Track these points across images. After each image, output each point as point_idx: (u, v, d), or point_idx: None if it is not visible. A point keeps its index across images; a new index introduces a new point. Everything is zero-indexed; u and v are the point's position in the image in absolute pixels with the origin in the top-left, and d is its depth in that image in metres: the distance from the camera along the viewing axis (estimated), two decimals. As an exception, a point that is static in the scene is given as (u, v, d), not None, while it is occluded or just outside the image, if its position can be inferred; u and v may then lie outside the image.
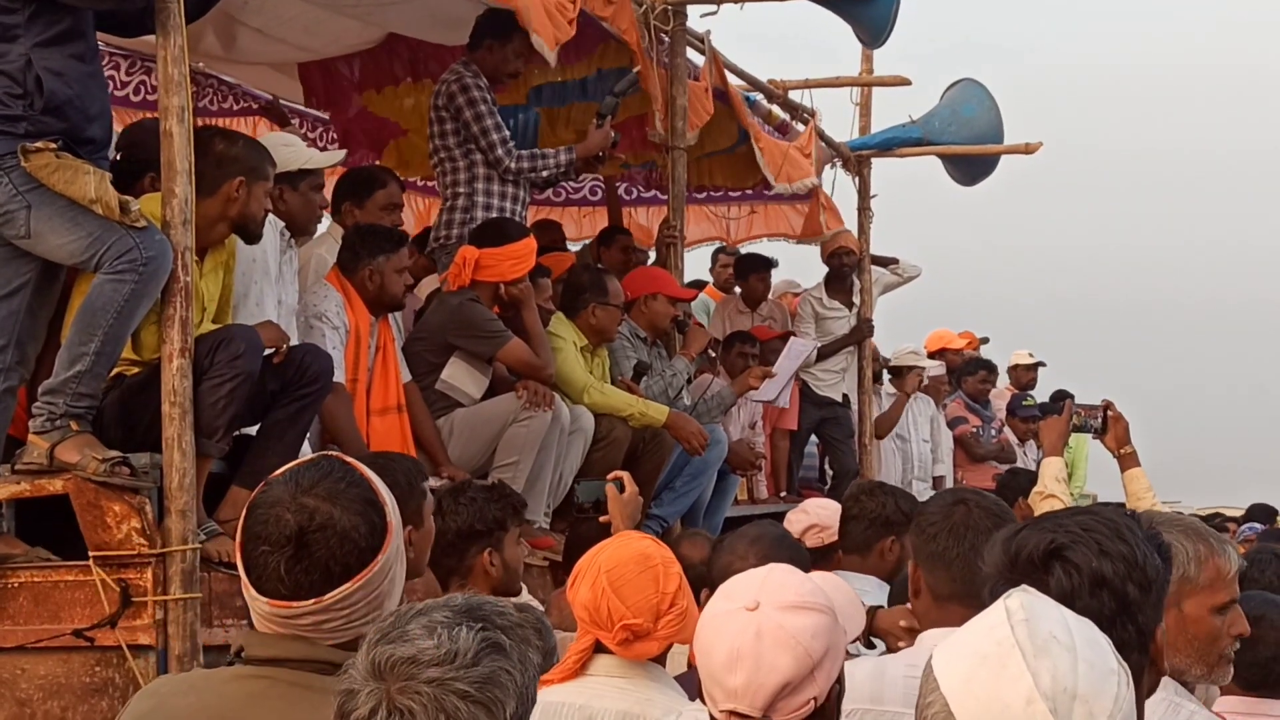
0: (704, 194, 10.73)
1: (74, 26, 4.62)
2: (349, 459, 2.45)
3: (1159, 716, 2.94)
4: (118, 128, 5.69)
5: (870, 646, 3.96)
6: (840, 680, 2.42)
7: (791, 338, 9.49)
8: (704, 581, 4.47)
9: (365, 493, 2.37)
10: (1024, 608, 1.82)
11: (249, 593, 2.37)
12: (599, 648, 3.43)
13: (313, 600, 2.32)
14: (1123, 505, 5.75)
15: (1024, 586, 1.89)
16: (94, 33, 4.76)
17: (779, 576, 2.46)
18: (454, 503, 4.42)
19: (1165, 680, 2.96)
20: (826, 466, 11.03)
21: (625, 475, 4.68)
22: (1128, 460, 5.22)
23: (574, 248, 9.73)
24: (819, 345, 10.27)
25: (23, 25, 4.53)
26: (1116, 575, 2.18)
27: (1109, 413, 5.34)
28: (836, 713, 2.43)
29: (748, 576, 2.49)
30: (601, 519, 4.68)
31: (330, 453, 2.48)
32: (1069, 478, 5.77)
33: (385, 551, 2.36)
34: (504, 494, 4.56)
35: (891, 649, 3.73)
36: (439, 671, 1.88)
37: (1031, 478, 9.62)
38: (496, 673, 1.90)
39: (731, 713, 2.35)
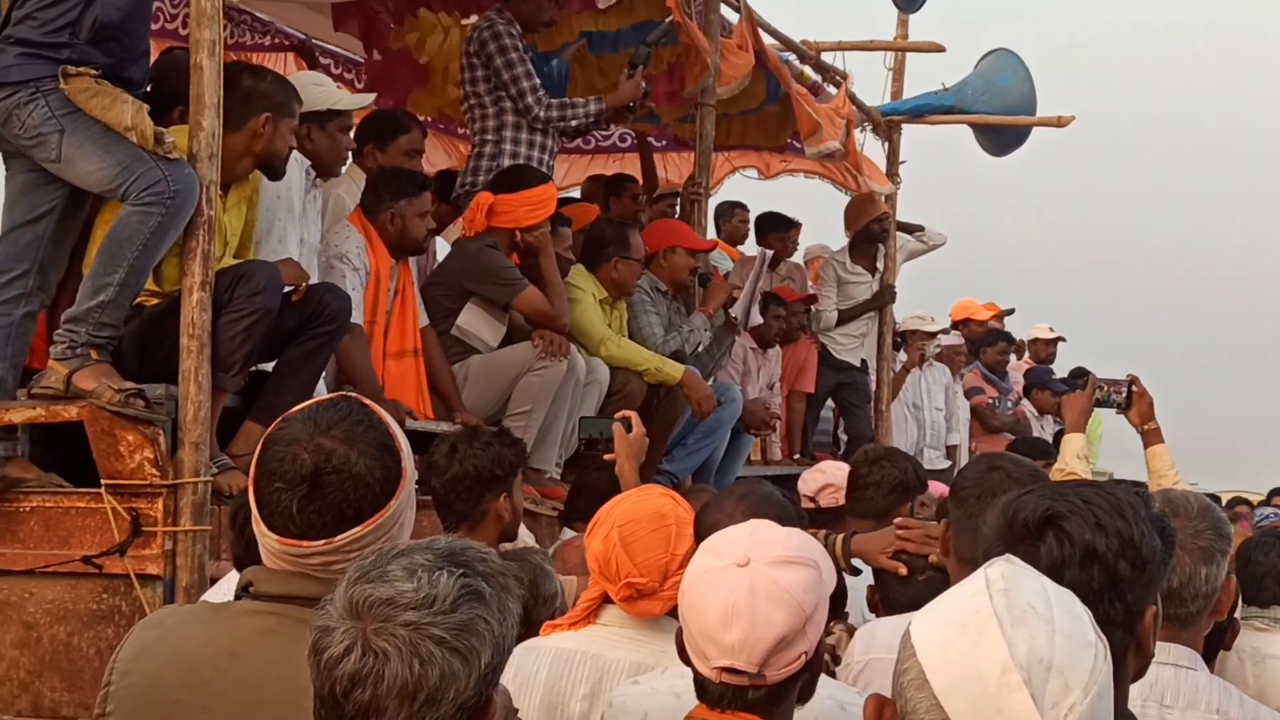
0: (733, 151, 10.65)
1: None
2: (367, 401, 2.42)
3: None
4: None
5: (855, 573, 3.95)
6: (823, 636, 2.44)
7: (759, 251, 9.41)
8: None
9: (382, 437, 2.34)
10: (1004, 577, 1.80)
11: (259, 529, 2.34)
12: (609, 598, 3.41)
13: (323, 541, 2.29)
14: (1140, 483, 5.71)
15: (1007, 556, 1.87)
16: None
17: (765, 532, 2.45)
18: (469, 447, 4.37)
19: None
20: (841, 432, 11.01)
21: (634, 415, 4.65)
22: (1151, 437, 5.05)
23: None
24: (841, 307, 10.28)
25: None
26: (1109, 550, 2.13)
27: (1134, 387, 5.16)
28: (819, 667, 2.44)
29: (734, 532, 2.48)
30: (606, 456, 4.65)
31: (349, 394, 2.46)
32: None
33: (398, 497, 2.32)
34: (513, 439, 4.57)
35: (886, 568, 3.77)
36: (416, 615, 1.85)
37: (1043, 446, 9.59)
38: (474, 620, 1.88)
39: (726, 669, 2.35)
